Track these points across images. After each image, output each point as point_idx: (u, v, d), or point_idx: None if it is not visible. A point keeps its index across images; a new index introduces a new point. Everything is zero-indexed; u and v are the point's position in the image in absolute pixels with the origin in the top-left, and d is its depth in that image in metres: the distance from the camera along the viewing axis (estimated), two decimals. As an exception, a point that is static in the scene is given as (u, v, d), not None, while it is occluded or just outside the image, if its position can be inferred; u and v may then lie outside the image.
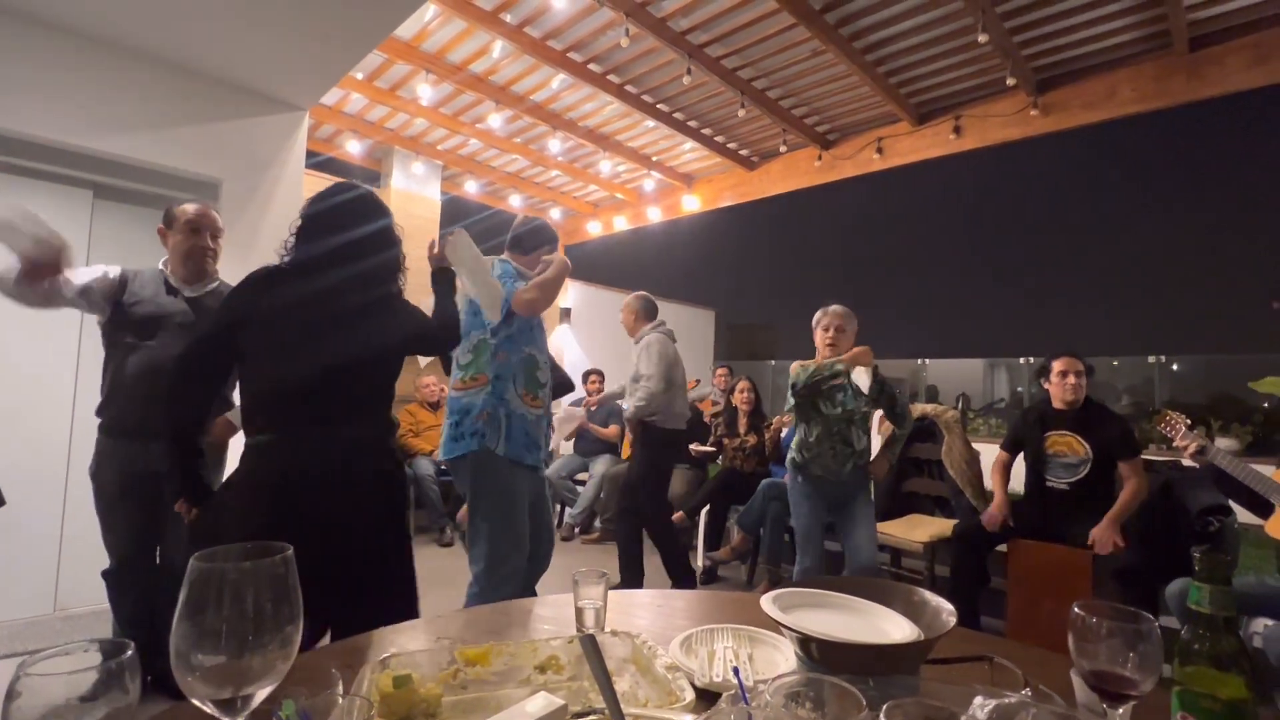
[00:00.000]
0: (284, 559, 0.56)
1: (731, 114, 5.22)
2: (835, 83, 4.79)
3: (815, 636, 0.69)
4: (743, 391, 4.33)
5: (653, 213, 7.19)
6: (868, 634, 0.75)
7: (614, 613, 1.21)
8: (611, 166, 6.54)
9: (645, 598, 1.30)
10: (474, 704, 0.76)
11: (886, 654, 0.69)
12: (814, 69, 4.63)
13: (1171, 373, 7.72)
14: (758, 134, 5.78)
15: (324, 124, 5.74)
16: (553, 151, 6.03)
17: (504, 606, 1.24)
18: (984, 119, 4.77)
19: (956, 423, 3.56)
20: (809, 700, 0.57)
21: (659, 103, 5.29)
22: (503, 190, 7.35)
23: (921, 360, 9.60)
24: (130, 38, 2.79)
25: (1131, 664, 0.64)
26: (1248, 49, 3.80)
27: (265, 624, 0.54)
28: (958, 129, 4.86)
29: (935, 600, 0.79)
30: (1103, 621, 0.65)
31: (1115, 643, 0.64)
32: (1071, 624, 0.67)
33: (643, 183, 6.98)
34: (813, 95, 5.03)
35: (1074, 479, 2.66)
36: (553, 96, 5.25)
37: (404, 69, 4.87)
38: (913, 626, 0.75)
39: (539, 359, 2.11)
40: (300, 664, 0.82)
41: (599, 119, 5.66)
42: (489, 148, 6.27)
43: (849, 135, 5.59)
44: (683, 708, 0.67)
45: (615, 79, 4.94)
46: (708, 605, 1.28)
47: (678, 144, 6.05)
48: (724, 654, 0.90)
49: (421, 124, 5.84)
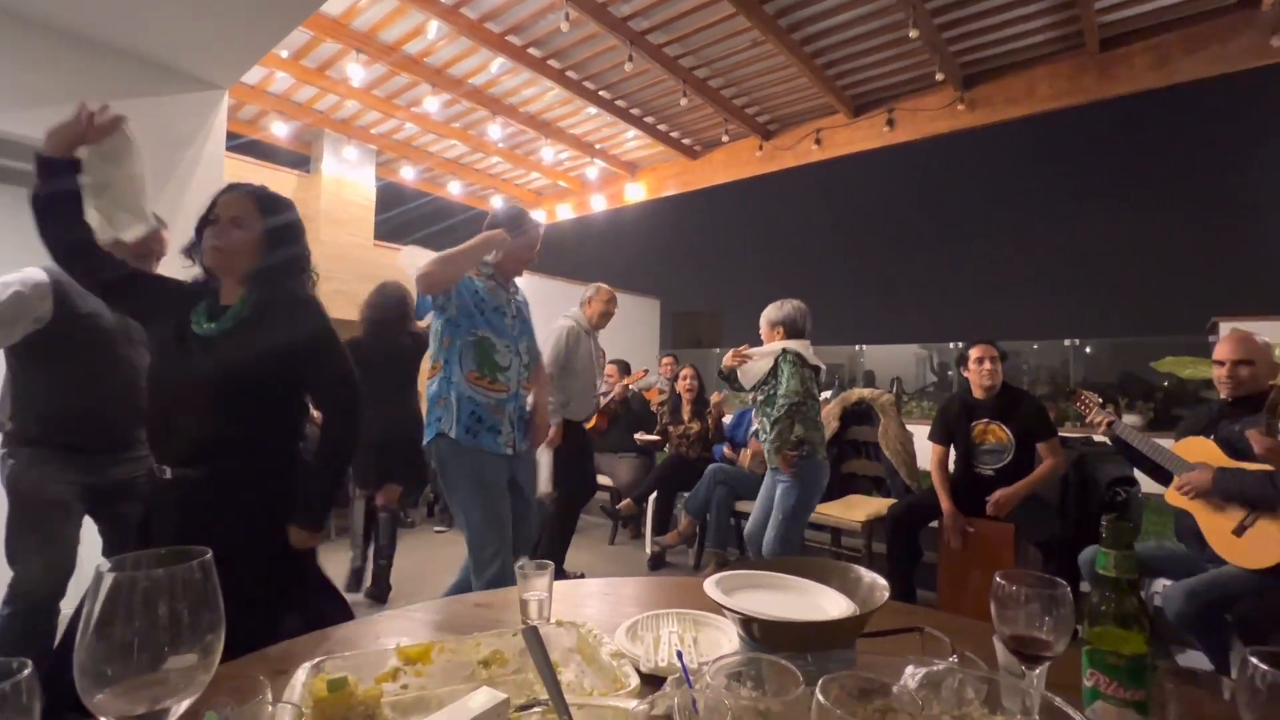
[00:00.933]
0: (202, 564, 0.53)
1: (674, 103, 5.23)
2: (775, 73, 4.87)
3: (755, 617, 0.70)
4: (686, 379, 4.38)
5: (597, 201, 7.14)
6: (807, 612, 0.77)
7: (562, 603, 1.20)
8: (554, 154, 6.46)
9: (594, 586, 1.30)
10: (415, 703, 0.74)
11: (823, 630, 0.71)
12: (754, 59, 4.68)
13: (1085, 355, 8.27)
14: (700, 123, 5.82)
15: (247, 104, 5.43)
16: (493, 137, 5.90)
17: (448, 602, 1.22)
18: (915, 112, 4.94)
19: (891, 406, 3.70)
20: (750, 679, 0.59)
21: (601, 89, 5.25)
22: (441, 177, 7.14)
23: (859, 347, 9.94)
24: (28, 7, 2.55)
25: (1046, 627, 0.68)
26: (1151, 51, 4.07)
27: (183, 634, 0.50)
28: (891, 121, 5.02)
29: (870, 576, 0.82)
30: (1021, 589, 0.69)
31: (1032, 608, 0.69)
32: (993, 593, 0.71)
33: (586, 171, 6.93)
34: (753, 85, 5.10)
35: (999, 465, 2.81)
36: (492, 81, 5.13)
37: (333, 48, 4.65)
38: (849, 602, 0.78)
39: (496, 341, 2.07)
40: (227, 673, 0.78)
41: (540, 105, 5.57)
42: (426, 132, 6.08)
43: (789, 126, 5.70)
44: (628, 694, 0.68)
45: (556, 64, 4.87)
46: (655, 591, 1.29)
47: (621, 132, 6.02)
48: (669, 638, 0.91)
49: (353, 106, 5.61)
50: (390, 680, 0.76)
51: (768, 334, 2.99)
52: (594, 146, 6.39)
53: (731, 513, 3.69)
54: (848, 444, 3.86)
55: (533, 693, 0.70)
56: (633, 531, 4.61)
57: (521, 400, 2.14)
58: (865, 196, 69.44)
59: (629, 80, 5.03)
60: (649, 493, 4.19)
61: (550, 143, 6.07)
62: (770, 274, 73.79)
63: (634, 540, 4.51)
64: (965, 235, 68.82)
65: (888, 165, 44.62)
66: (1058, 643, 0.68)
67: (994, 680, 0.60)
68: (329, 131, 6.01)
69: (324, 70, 4.96)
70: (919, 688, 0.62)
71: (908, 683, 0.65)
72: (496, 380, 2.05)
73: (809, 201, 73.11)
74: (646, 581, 1.38)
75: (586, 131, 6.10)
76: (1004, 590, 0.70)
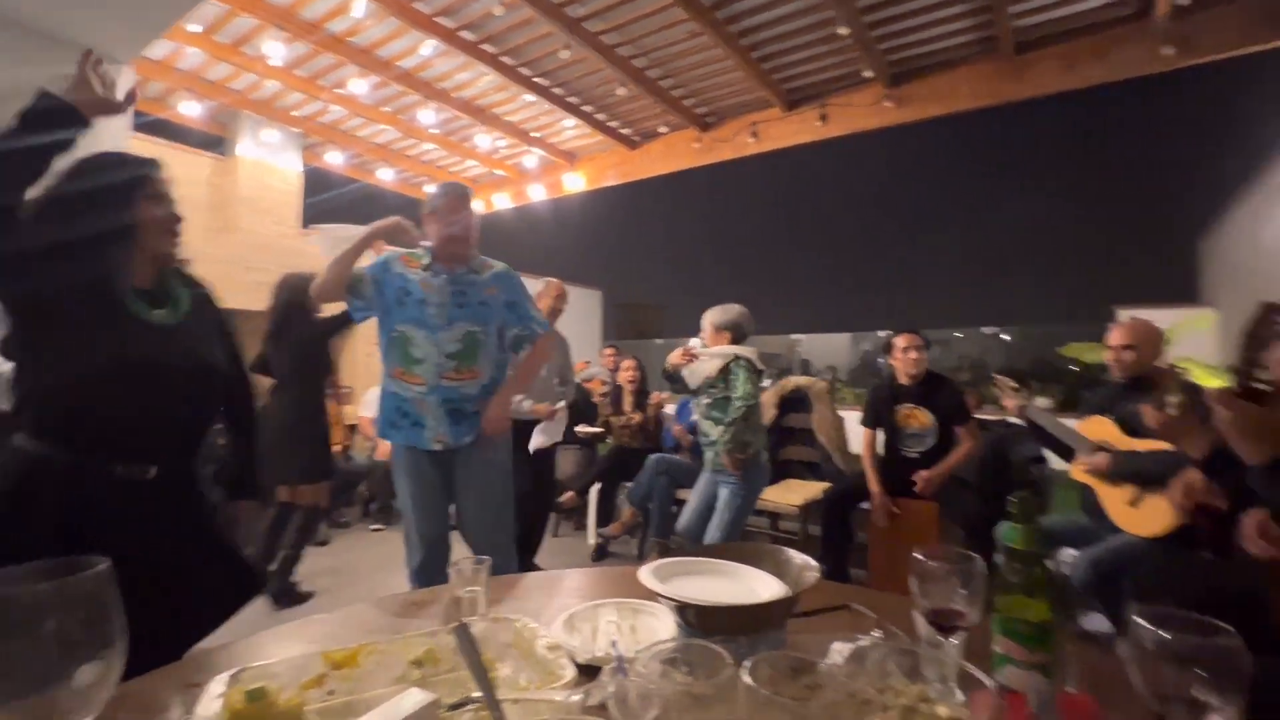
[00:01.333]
0: (97, 575, 0.49)
1: (611, 92, 5.20)
2: (711, 65, 4.91)
3: (689, 603, 0.71)
4: (628, 370, 4.39)
5: (535, 191, 7.03)
6: (740, 595, 0.79)
7: (505, 597, 1.19)
8: (490, 141, 6.31)
9: (535, 580, 1.29)
10: (343, 709, 0.71)
11: (755, 612, 0.73)
12: (691, 50, 4.70)
13: (1002, 342, 8.79)
14: (638, 113, 5.80)
15: (152, 80, 5.05)
16: (425, 123, 5.70)
17: (380, 602, 1.18)
18: (846, 108, 5.09)
19: (825, 393, 3.83)
20: (684, 664, 0.59)
21: (537, 76, 5.16)
22: (371, 163, 6.87)
23: (795, 336, 10.22)
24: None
25: (962, 599, 0.72)
26: (1060, 57, 4.33)
27: (76, 652, 0.47)
28: (824, 116, 5.16)
29: (800, 558, 0.85)
30: (938, 564, 0.73)
31: (949, 581, 0.72)
32: (913, 568, 0.74)
33: (523, 159, 6.81)
34: (690, 77, 5.12)
35: (922, 448, 2.96)
36: (424, 63, 4.96)
37: (249, 23, 4.38)
38: (780, 584, 0.80)
39: (414, 334, 2.00)
40: (133, 690, 0.73)
41: (475, 90, 5.42)
42: (354, 116, 5.82)
43: (726, 118, 5.76)
44: (563, 686, 0.67)
45: (491, 49, 4.74)
46: (598, 582, 1.29)
47: (558, 120, 5.94)
48: (606, 628, 0.92)
49: (274, 86, 5.31)
50: (316, 687, 0.73)
51: (712, 337, 2.95)
52: (531, 135, 6.28)
53: (674, 502, 3.73)
54: (784, 430, 3.97)
55: (466, 691, 0.68)
56: (576, 524, 4.60)
57: (456, 394, 2.01)
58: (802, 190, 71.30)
59: (566, 68, 4.96)
60: (591, 484, 4.19)
61: (486, 130, 5.93)
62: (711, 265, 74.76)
63: (577, 532, 4.50)
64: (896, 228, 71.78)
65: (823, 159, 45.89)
66: (972, 613, 0.72)
67: (914, 652, 0.63)
68: (247, 112, 5.67)
69: (239, 46, 4.67)
70: (845, 663, 0.64)
71: (835, 659, 0.68)
72: (413, 373, 1.99)
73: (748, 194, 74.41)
74: (588, 572, 1.37)
75: (523, 119, 5.99)
76: (922, 566, 0.74)
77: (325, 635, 1.00)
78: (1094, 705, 0.59)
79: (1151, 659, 0.54)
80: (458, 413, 2.02)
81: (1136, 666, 0.55)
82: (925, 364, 2.99)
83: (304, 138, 6.22)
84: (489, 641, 0.83)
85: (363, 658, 0.76)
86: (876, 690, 0.60)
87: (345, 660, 0.75)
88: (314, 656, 0.74)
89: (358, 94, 5.15)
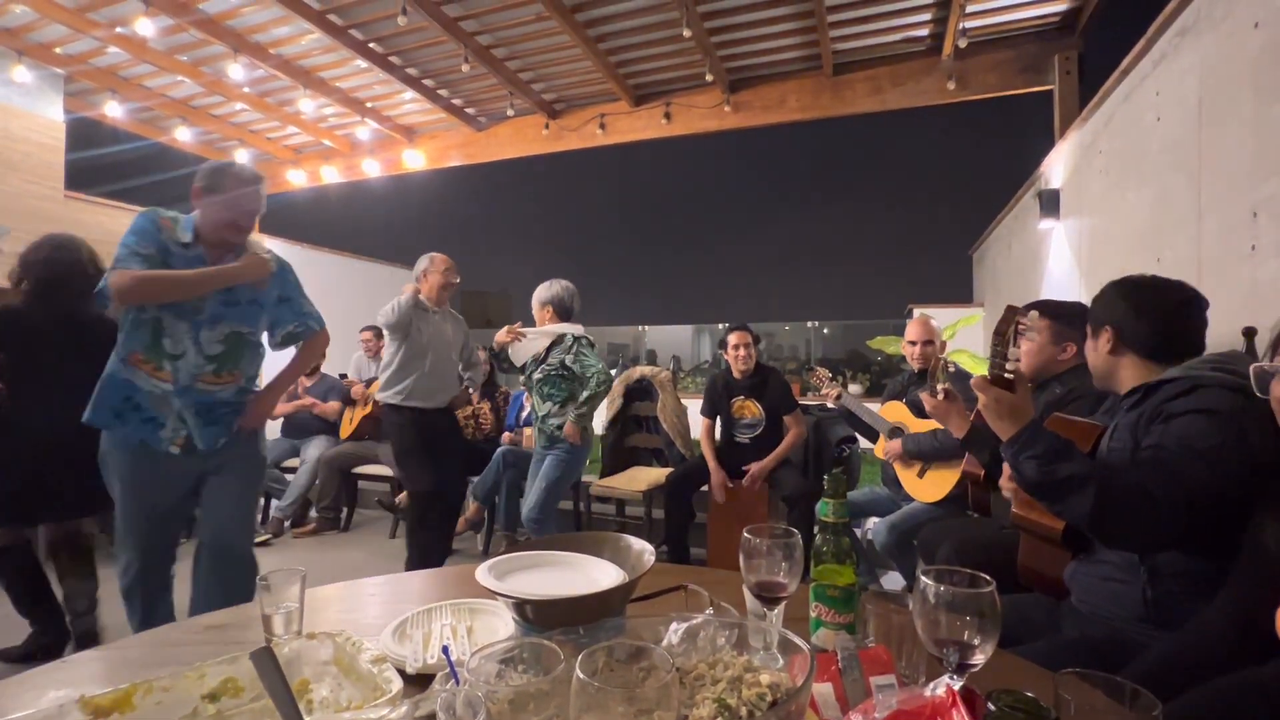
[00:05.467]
0: None
1: (455, 67, 4.93)
2: (560, 52, 4.85)
3: (524, 598, 0.70)
4: (475, 360, 4.22)
5: (370, 166, 6.49)
6: (580, 586, 0.79)
7: (338, 608, 1.09)
8: (315, 107, 5.70)
9: (374, 586, 1.19)
10: (111, 762, 0.60)
11: (592, 602, 0.73)
12: (539, 34, 4.61)
13: (822, 334, 9.77)
14: (484, 94, 5.58)
15: None
16: (235, 79, 4.99)
17: (167, 630, 1.02)
18: (689, 108, 5.31)
19: (669, 382, 3.98)
20: (521, 662, 0.58)
21: (371, 41, 4.75)
22: (164, 120, 5.91)
23: (642, 327, 10.53)
24: None
25: (783, 571, 0.78)
26: (869, 81, 4.87)
27: None
28: (668, 114, 5.33)
29: (638, 544, 0.87)
30: (763, 540, 0.78)
31: (772, 556, 0.78)
32: (741, 546, 0.79)
33: (356, 130, 6.26)
34: (539, 62, 5.02)
35: (754, 435, 3.20)
36: (231, 10, 4.34)
37: (-15, -70, 3.53)
38: (619, 571, 0.81)
39: (173, 324, 1.72)
40: None
41: (296, 49, 4.86)
42: (139, 61, 4.95)
43: (575, 108, 5.73)
44: (387, 701, 0.62)
45: (315, 4, 4.27)
46: (439, 584, 1.22)
47: (397, 92, 5.53)
48: (440, 633, 0.87)
49: (25, 14, 4.34)
50: (73, 740, 0.61)
51: (539, 314, 3.10)
52: (365, 105, 5.77)
53: (522, 494, 3.67)
54: (630, 419, 4.06)
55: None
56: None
57: (210, 399, 1.78)
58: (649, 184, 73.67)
59: (404, 35, 4.61)
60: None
61: (310, 94, 5.34)
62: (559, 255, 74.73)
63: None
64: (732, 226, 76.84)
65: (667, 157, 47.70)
66: (792, 583, 0.78)
67: (742, 625, 0.67)
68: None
69: (-28, -41, 3.75)
70: (680, 641, 0.66)
71: (670, 639, 0.70)
72: (161, 368, 1.72)
73: (596, 187, 75.32)
74: (430, 574, 1.30)
75: (355, 87, 5.48)
76: (749, 543, 0.79)
77: (95, 677, 0.84)
78: (887, 655, 0.67)
79: (931, 610, 0.63)
80: (210, 415, 1.79)
81: (919, 616, 0.64)
82: (754, 359, 3.23)
83: (68, 81, 5.17)
84: (305, 661, 0.75)
85: (139, 698, 0.65)
86: (707, 665, 0.63)
87: (113, 705, 0.63)
88: (69, 705, 0.62)
89: (145, 35, 4.36)
